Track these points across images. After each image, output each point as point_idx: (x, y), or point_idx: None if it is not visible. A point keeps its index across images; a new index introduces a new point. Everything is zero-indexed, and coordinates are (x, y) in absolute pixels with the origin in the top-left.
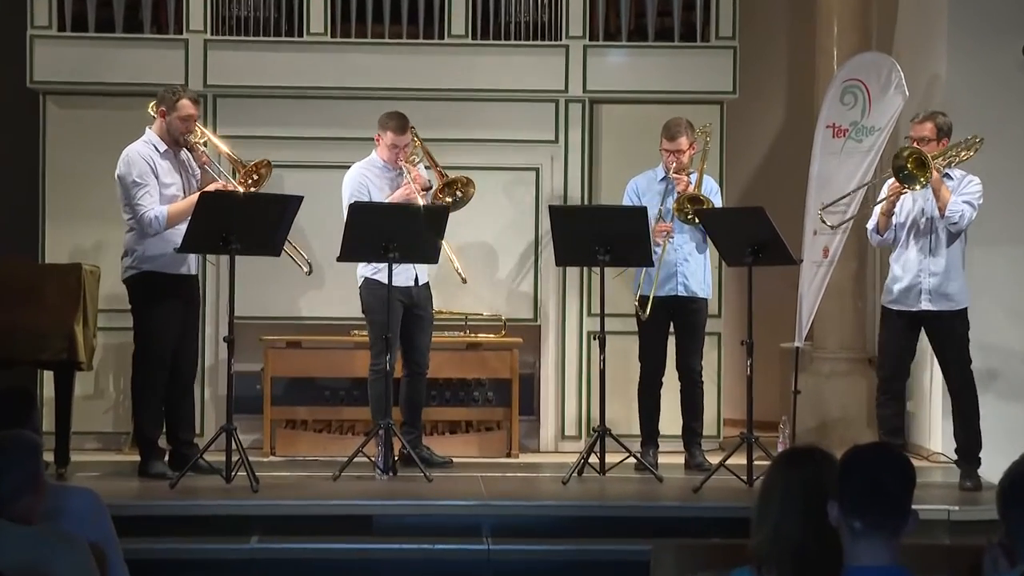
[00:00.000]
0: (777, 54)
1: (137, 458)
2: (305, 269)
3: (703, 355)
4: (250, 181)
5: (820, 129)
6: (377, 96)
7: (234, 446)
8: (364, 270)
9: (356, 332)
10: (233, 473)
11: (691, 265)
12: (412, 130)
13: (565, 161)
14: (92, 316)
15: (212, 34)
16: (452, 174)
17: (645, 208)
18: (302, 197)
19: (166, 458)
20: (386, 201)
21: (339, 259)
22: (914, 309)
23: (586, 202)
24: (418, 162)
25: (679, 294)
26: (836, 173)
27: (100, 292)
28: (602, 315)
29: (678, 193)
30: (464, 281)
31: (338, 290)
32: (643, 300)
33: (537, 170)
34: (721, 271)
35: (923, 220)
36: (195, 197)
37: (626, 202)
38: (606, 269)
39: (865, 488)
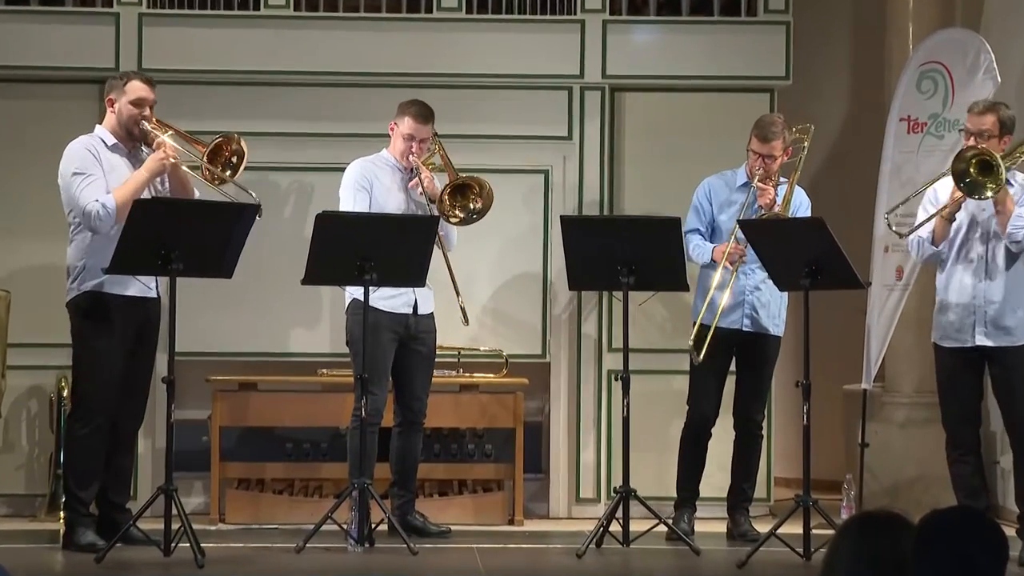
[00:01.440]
0: (839, 32)
1: (55, 526)
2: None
3: (766, 403)
4: (228, 171)
5: (892, 123)
6: (349, 83)
7: (175, 511)
8: (352, 290)
9: (326, 371)
10: (173, 544)
11: (763, 295)
12: (434, 131)
13: (580, 162)
14: (0, 352)
15: (148, 7)
16: (462, 176)
17: (678, 219)
18: (259, 205)
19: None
20: (389, 210)
21: (304, 282)
22: (968, 345)
23: (606, 212)
24: (433, 168)
25: (744, 328)
26: (913, 177)
27: (10, 321)
28: (625, 351)
29: (760, 207)
30: (466, 322)
31: (304, 319)
32: (700, 334)
33: (546, 173)
34: None
35: (976, 236)
36: (142, 176)
37: (694, 205)
38: (631, 294)
39: (949, 564)
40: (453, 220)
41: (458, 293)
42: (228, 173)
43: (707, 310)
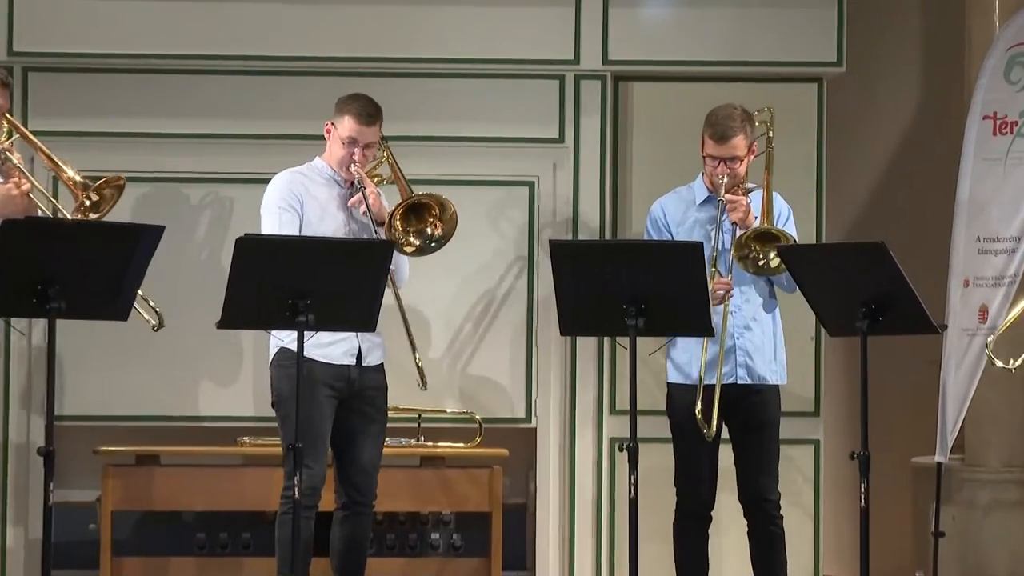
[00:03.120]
0: (906, 7)
1: None
2: (153, 322)
3: (779, 476)
4: (87, 203)
5: (974, 122)
6: (282, 70)
7: None
8: (279, 336)
9: (247, 440)
10: None
11: (755, 336)
12: (381, 135)
13: (575, 170)
14: None
15: None
16: (417, 194)
17: (700, 245)
18: (162, 228)
19: None
20: (324, 234)
21: (221, 325)
22: None
23: (607, 235)
24: (379, 181)
25: (739, 381)
26: (999, 189)
27: None
28: (633, 413)
29: (733, 224)
30: (423, 385)
31: (220, 373)
32: (677, 397)
33: (532, 185)
34: (819, 343)
35: None
36: None
37: (647, 235)
38: (640, 341)
39: None
40: (407, 250)
41: (414, 348)
42: (86, 205)
43: (702, 366)
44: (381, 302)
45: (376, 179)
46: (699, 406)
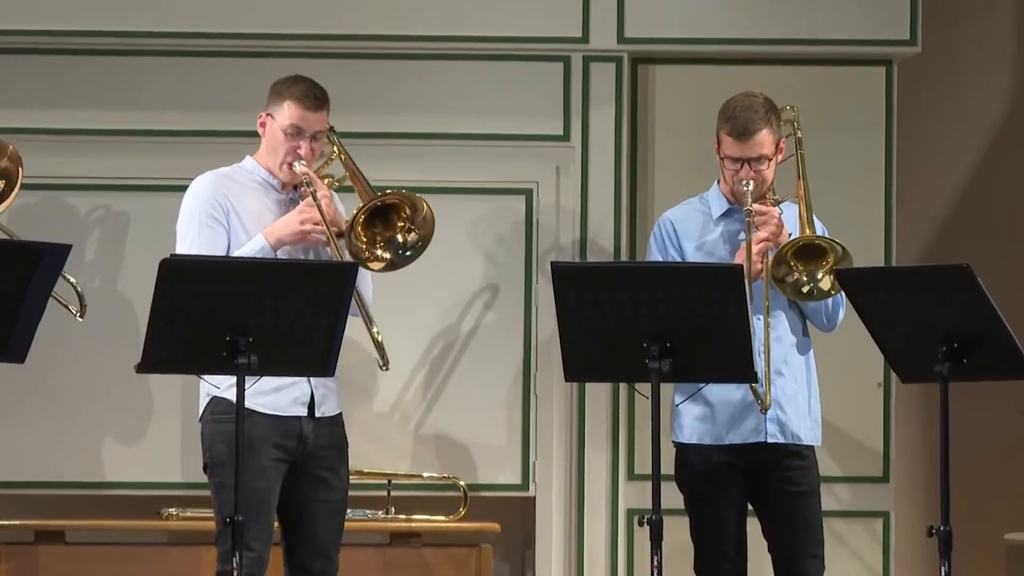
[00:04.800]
0: None
1: None
2: (74, 310)
3: (824, 553)
4: None
5: None
6: (229, 50)
7: None
8: (213, 383)
9: (173, 512)
10: None
11: (787, 383)
12: (330, 125)
13: (583, 175)
14: None
15: None
16: (382, 193)
17: (740, 268)
18: (68, 246)
19: None
20: (246, 252)
21: (140, 368)
22: None
23: (624, 255)
24: (331, 183)
25: (769, 440)
26: None
27: None
28: (656, 478)
29: (764, 241)
30: (384, 366)
31: (137, 430)
32: (691, 460)
33: (529, 193)
34: (888, 391)
35: None
36: None
37: (654, 256)
38: (663, 388)
39: None
40: (374, 266)
41: (369, 320)
42: None
43: (694, 413)
44: (342, 339)
45: (326, 180)
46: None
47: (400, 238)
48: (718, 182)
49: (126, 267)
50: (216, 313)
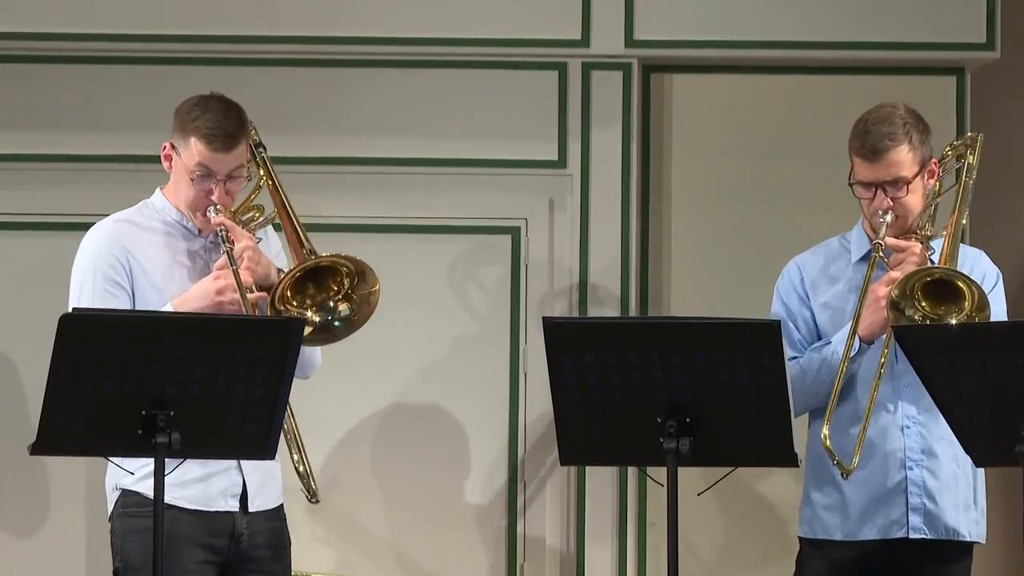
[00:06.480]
0: None
1: None
2: None
3: None
4: None
5: None
6: (137, 55)
7: None
8: (126, 468)
9: None
10: None
11: (943, 466)
12: (254, 144)
13: (583, 209)
14: None
15: None
16: (326, 254)
17: (777, 324)
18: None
19: None
20: (164, 308)
21: (35, 449)
22: None
23: (633, 310)
24: (257, 223)
25: (912, 535)
26: None
27: None
28: None
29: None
30: (313, 498)
31: (30, 527)
32: (811, 562)
33: (516, 232)
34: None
35: None
36: None
37: (777, 309)
38: (682, 473)
39: None
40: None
41: (300, 446)
42: None
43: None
44: (284, 413)
45: (252, 218)
46: (825, 430)
47: (333, 305)
48: (861, 221)
49: (7, 322)
50: (129, 381)
